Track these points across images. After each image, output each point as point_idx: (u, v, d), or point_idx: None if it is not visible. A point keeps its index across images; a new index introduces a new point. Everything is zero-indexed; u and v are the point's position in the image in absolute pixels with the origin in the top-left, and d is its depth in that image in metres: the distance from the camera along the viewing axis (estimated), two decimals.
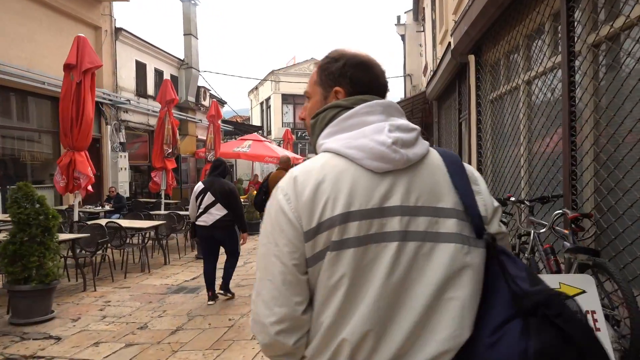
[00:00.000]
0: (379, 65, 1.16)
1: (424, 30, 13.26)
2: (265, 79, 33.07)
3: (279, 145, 21.57)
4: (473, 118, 6.30)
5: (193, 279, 6.85)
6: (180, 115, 16.06)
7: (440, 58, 8.74)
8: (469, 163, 6.76)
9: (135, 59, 13.78)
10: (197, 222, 5.41)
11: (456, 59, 6.59)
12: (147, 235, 7.81)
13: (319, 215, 0.97)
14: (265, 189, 7.17)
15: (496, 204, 1.10)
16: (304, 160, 1.96)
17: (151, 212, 9.41)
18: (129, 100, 12.71)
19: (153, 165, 10.92)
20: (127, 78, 13.34)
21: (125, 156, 12.54)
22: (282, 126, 30.90)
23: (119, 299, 5.65)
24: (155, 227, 7.78)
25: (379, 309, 0.94)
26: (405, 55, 15.59)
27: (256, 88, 36.21)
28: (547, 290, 0.94)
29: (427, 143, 1.08)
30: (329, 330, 0.96)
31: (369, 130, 1.02)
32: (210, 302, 5.42)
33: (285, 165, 7.45)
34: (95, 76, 7.71)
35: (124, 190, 12.50)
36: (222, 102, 21.14)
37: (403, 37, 15.75)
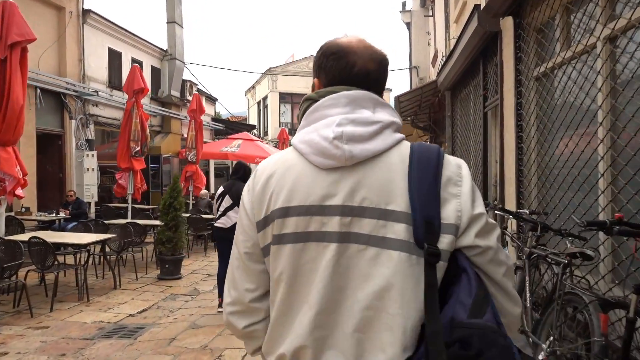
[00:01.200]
0: (364, 53, 1.04)
1: (433, 15, 11.77)
2: (262, 77, 31.56)
3: (275, 147, 20.06)
4: (509, 103, 4.74)
5: (141, 311, 5.28)
6: (163, 111, 14.55)
7: (457, 37, 7.18)
8: (501, 163, 5.18)
9: (108, 47, 12.25)
10: (216, 224, 5.46)
11: (485, 27, 5.04)
12: (91, 251, 6.25)
13: (266, 208, 0.98)
14: None
15: (478, 211, 0.95)
16: None
17: (106, 222, 7.87)
18: (96, 91, 11.17)
19: (118, 165, 9.38)
20: (98, 67, 11.80)
21: (92, 155, 10.99)
22: (280, 126, 29.37)
23: (22, 349, 4.07)
24: (103, 242, 6.22)
25: (318, 319, 0.91)
26: (411, 46, 14.08)
27: (253, 87, 34.71)
28: (478, 326, 0.84)
29: (395, 138, 0.98)
30: (273, 331, 0.98)
31: (321, 124, 0.98)
32: (221, 310, 4.90)
33: None
34: (27, 53, 6.17)
35: (90, 194, 10.96)
36: (212, 99, 19.63)
37: (409, 25, 14.24)
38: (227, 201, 5.36)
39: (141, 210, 10.88)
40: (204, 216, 9.79)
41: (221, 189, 5.57)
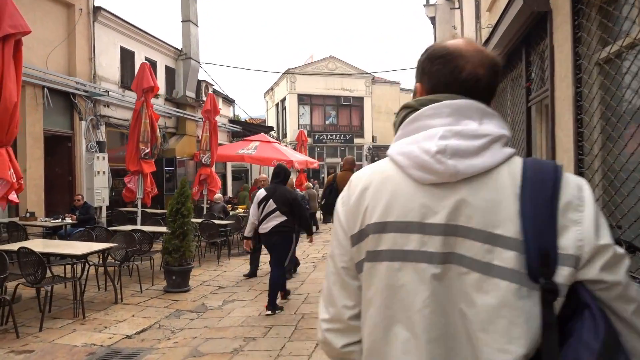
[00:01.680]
0: (474, 56, 0.96)
1: (460, 7, 11.01)
2: (280, 79, 31.11)
3: (294, 149, 19.49)
4: (563, 94, 4.02)
5: (140, 331, 4.72)
6: (177, 112, 14.12)
7: (491, 25, 6.46)
8: None
9: (121, 45, 11.85)
10: (259, 230, 5.40)
11: (532, 6, 4.32)
12: (92, 262, 5.73)
13: (361, 221, 0.94)
14: (335, 191, 6.64)
15: (604, 241, 0.84)
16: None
17: (112, 229, 7.37)
18: (107, 91, 10.75)
19: (127, 168, 8.90)
20: (109, 67, 11.40)
21: (103, 158, 10.56)
22: (298, 128, 28.85)
23: None
24: (103, 252, 5.69)
25: (430, 349, 0.85)
26: (435, 38, 13.30)
27: (271, 89, 34.32)
28: None
29: (505, 153, 0.90)
30: (368, 355, 0.93)
31: (422, 136, 0.92)
32: (269, 313, 5.22)
33: (350, 165, 7.19)
34: (21, 46, 5.72)
35: (101, 198, 10.53)
36: (229, 101, 19.19)
37: (433, 19, 13.50)
38: (270, 205, 5.31)
39: (153, 215, 10.40)
40: (217, 222, 9.24)
41: (263, 192, 5.50)
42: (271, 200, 5.31)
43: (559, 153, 4.20)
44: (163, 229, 7.40)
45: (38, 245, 5.58)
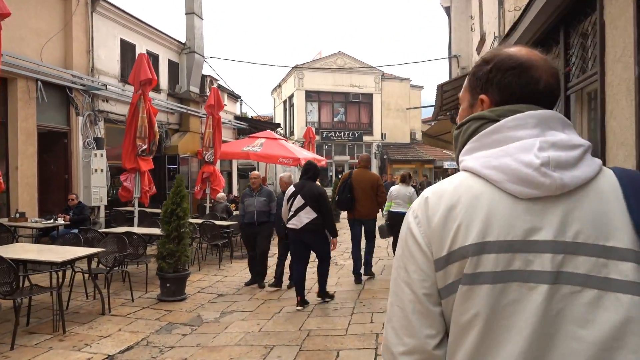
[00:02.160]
0: (544, 66, 0.95)
1: None
2: (288, 75, 30.54)
3: (301, 146, 18.91)
4: (620, 79, 3.39)
5: (125, 350, 4.17)
6: (181, 108, 13.60)
7: (519, 7, 5.83)
8: (604, 165, 3.83)
9: (121, 38, 11.34)
10: (288, 225, 5.42)
11: None
12: (78, 268, 5.20)
13: (450, 243, 0.88)
14: (349, 188, 6.62)
15: None
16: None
17: (104, 231, 6.84)
18: (105, 85, 10.24)
19: (123, 165, 8.38)
20: (109, 60, 10.90)
21: (101, 155, 10.07)
22: (306, 126, 28.25)
23: None
24: (89, 258, 5.16)
25: None
26: (451, 33, 12.67)
27: (279, 86, 33.78)
28: None
29: (597, 163, 0.90)
30: None
31: (514, 148, 0.88)
32: (299, 308, 5.31)
33: (366, 163, 6.98)
34: (0, 30, 5.19)
35: (99, 197, 10.04)
36: (235, 97, 18.66)
37: (448, 9, 12.86)
38: (299, 201, 5.30)
39: (153, 215, 9.88)
40: (219, 223, 8.69)
41: (292, 188, 5.51)
42: (299, 195, 5.30)
43: (612, 147, 3.57)
44: (158, 231, 6.86)
45: (17, 250, 5.07)
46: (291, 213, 5.36)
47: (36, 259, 4.72)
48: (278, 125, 19.77)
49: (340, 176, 23.78)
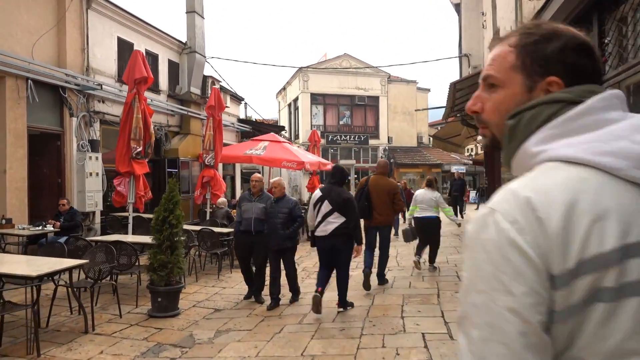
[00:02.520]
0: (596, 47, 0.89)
1: None
2: (292, 78, 30.11)
3: (306, 150, 18.42)
4: None
5: None
6: (181, 109, 13.16)
7: None
8: None
9: (118, 36, 10.92)
10: (316, 233, 5.29)
11: None
12: (56, 283, 4.71)
13: (579, 250, 0.70)
14: (366, 195, 6.42)
15: None
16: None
17: (92, 239, 6.36)
18: (100, 84, 9.80)
19: (116, 169, 7.92)
20: (105, 59, 10.47)
21: (96, 158, 9.62)
22: (311, 129, 27.76)
23: None
24: (69, 271, 4.67)
25: None
26: (461, 31, 12.15)
27: (284, 89, 33.37)
28: None
29: None
30: None
31: (623, 130, 0.76)
32: (317, 294, 5.15)
33: (383, 169, 6.75)
34: None
35: (94, 202, 9.59)
36: (238, 99, 18.22)
37: (458, 7, 12.36)
38: (326, 207, 5.19)
39: (149, 220, 9.40)
40: (218, 230, 8.20)
41: (318, 193, 5.40)
42: (326, 201, 5.19)
43: None
44: (150, 239, 6.36)
45: None
46: (318, 219, 5.23)
47: (8, 273, 4.23)
48: (282, 128, 19.31)
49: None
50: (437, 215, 7.38)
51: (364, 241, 5.70)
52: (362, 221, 5.99)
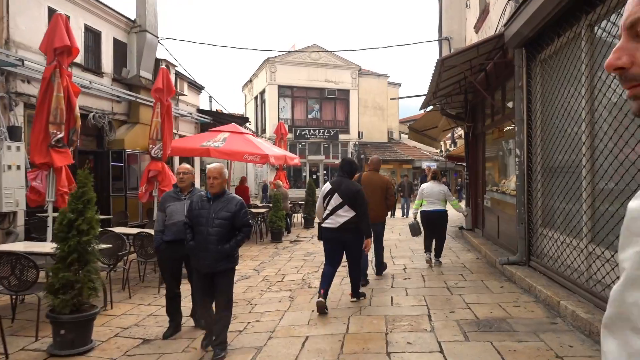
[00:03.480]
0: None
1: None
2: (259, 69, 28.65)
3: (273, 143, 17.10)
4: None
5: None
6: (129, 95, 11.62)
7: None
8: None
9: (48, 6, 9.30)
10: (323, 225, 5.20)
11: None
12: None
13: None
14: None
15: None
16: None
17: None
18: (21, 60, 8.21)
19: (31, 160, 6.43)
20: (31, 31, 8.86)
21: (18, 148, 8.03)
22: (278, 122, 26.36)
23: None
24: None
25: None
26: (442, 12, 11.13)
27: (250, 81, 31.87)
28: None
29: None
30: None
31: None
32: (321, 299, 4.90)
33: (376, 165, 6.76)
34: None
35: (13, 201, 8.01)
36: (197, 87, 16.70)
37: None
38: (336, 199, 5.12)
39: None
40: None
41: (328, 186, 5.31)
42: (337, 194, 5.13)
43: None
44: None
45: None
46: (327, 212, 5.16)
47: None
48: (247, 119, 17.90)
49: (314, 177, 22.15)
50: (446, 209, 7.33)
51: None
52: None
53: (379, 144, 29.99)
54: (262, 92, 28.29)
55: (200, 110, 16.78)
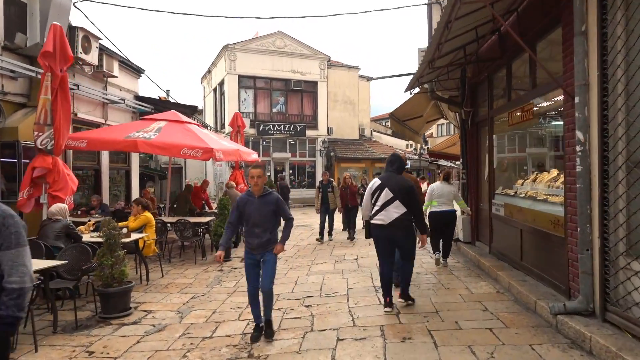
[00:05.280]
0: None
1: None
2: (217, 58, 25.88)
3: (227, 136, 14.50)
4: None
5: None
6: (28, 70, 8.84)
7: None
8: None
9: None
10: (373, 221, 5.03)
11: None
12: None
13: None
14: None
15: None
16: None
17: None
18: None
19: None
20: None
21: None
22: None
23: None
24: None
25: None
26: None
27: (209, 71, 29.03)
28: None
29: None
30: None
31: None
32: (388, 310, 4.86)
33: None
34: None
35: None
36: (134, 69, 13.91)
37: None
38: (386, 195, 4.91)
39: None
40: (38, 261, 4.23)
41: (377, 181, 5.10)
42: (387, 189, 4.91)
43: None
44: None
45: None
46: (377, 208, 4.95)
47: None
48: (195, 108, 15.18)
49: (278, 176, 19.65)
50: (455, 209, 7.18)
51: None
52: None
53: (350, 140, 27.78)
54: (221, 84, 25.55)
55: (139, 98, 14.02)
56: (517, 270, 5.90)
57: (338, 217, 11.28)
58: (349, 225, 11.22)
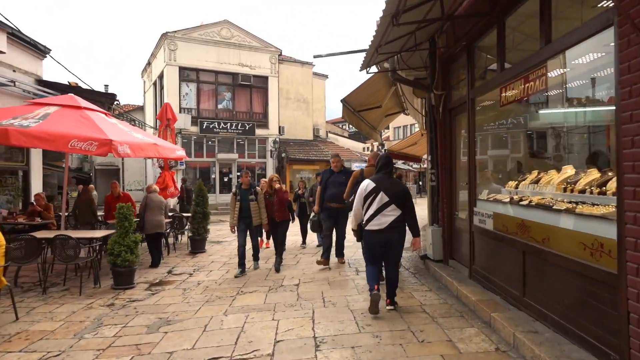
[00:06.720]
0: None
1: None
2: (157, 48, 23.37)
3: (153, 131, 12.14)
4: None
5: None
6: None
7: None
8: None
9: None
10: (368, 227, 4.81)
11: None
12: None
13: None
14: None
15: None
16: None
17: None
18: None
19: None
20: None
21: None
22: (180, 112, 21.38)
23: None
24: None
25: None
26: None
27: (149, 64, 26.38)
28: None
29: None
30: None
31: None
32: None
33: (376, 161, 5.57)
34: None
35: None
36: (37, 49, 11.43)
37: None
38: (382, 198, 4.73)
39: None
40: None
41: (370, 184, 4.85)
42: (382, 192, 4.74)
43: None
44: None
45: None
46: (371, 212, 4.74)
47: None
48: (114, 96, 12.79)
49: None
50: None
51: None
52: None
53: (303, 141, 25.92)
54: (161, 76, 23.04)
55: (43, 83, 11.55)
56: (518, 311, 4.16)
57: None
58: (302, 230, 10.15)
